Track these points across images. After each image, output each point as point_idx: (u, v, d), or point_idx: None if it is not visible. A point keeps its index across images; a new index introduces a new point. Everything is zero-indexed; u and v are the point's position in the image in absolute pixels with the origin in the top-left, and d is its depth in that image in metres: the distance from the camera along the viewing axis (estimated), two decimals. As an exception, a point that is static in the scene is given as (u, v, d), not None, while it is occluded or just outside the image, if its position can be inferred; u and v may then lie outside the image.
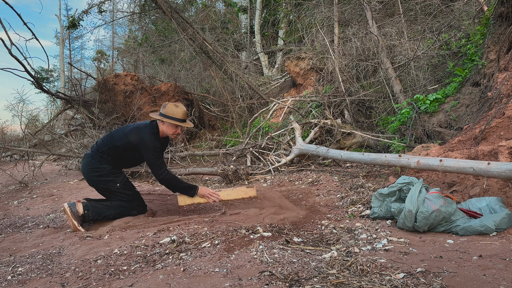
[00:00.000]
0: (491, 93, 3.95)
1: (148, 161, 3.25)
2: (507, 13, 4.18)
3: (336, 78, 7.18)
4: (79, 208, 3.11)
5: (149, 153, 3.22)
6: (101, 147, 3.35)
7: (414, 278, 1.82)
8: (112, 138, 3.35)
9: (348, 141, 6.05)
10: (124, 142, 3.29)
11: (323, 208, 3.44)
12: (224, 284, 1.79)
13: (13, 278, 2.11)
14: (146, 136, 3.23)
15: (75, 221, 3.03)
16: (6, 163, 8.43)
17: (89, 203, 3.22)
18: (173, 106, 3.30)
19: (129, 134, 3.28)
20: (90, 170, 3.33)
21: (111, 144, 3.32)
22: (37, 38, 6.13)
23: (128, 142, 3.28)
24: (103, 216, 3.27)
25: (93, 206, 3.20)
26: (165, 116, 3.28)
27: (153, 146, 3.22)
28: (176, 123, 3.31)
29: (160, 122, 3.37)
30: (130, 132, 3.30)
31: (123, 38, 21.77)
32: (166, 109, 3.30)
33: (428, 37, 6.31)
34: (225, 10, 14.98)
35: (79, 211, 3.09)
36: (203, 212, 3.63)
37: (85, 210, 3.12)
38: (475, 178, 3.10)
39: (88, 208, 3.16)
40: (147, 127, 3.32)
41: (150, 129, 3.29)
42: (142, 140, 3.23)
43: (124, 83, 8.57)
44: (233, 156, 6.32)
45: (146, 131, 3.26)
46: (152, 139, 3.24)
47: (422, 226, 2.54)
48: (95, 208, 3.20)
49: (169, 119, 3.28)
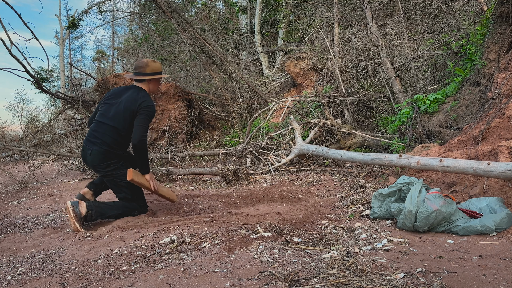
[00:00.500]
0: (491, 93, 3.95)
1: (140, 123, 3.21)
2: (507, 13, 4.18)
3: (336, 78, 7.18)
4: (82, 208, 3.09)
5: (146, 118, 3.23)
6: (108, 140, 3.28)
7: (414, 278, 1.82)
8: (114, 130, 3.28)
9: (348, 141, 6.05)
10: (130, 121, 3.26)
11: (323, 208, 3.44)
12: (224, 284, 1.79)
13: (13, 278, 2.11)
14: (150, 101, 3.27)
15: (76, 223, 3.01)
16: (6, 163, 8.43)
17: (93, 202, 3.20)
18: (152, 62, 3.39)
19: (128, 109, 3.25)
20: (105, 165, 3.30)
21: (118, 134, 3.28)
22: (37, 38, 6.13)
23: (132, 117, 3.26)
24: (106, 216, 3.26)
25: (96, 206, 3.18)
26: (155, 73, 3.36)
27: (153, 112, 3.31)
28: (162, 77, 3.43)
29: (146, 83, 3.39)
30: (127, 108, 3.25)
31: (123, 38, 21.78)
32: (149, 67, 3.36)
33: (428, 37, 6.31)
34: (225, 10, 14.98)
35: (81, 212, 3.07)
36: (203, 212, 3.63)
37: (88, 210, 3.10)
38: (475, 178, 3.10)
39: (92, 208, 3.14)
40: (142, 92, 3.33)
41: (146, 94, 3.33)
42: (146, 105, 3.24)
43: (124, 83, 8.57)
44: (233, 156, 6.32)
45: (146, 96, 3.30)
46: (153, 104, 3.30)
47: (422, 226, 2.54)
48: (98, 208, 3.19)
49: (159, 75, 3.37)
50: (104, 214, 3.23)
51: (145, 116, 3.23)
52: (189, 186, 5.32)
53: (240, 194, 4.38)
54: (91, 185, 3.56)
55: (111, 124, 3.27)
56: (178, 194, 4.58)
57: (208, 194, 4.53)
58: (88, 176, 6.04)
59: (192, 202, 4.08)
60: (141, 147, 3.21)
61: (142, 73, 3.36)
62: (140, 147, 3.21)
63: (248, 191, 4.59)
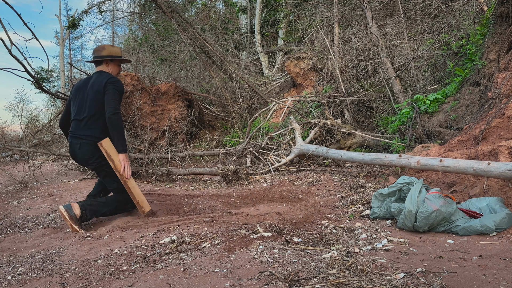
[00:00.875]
0: (491, 93, 3.95)
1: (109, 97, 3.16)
2: (507, 13, 4.18)
3: (336, 78, 7.18)
4: (76, 210, 3.06)
5: (115, 91, 3.19)
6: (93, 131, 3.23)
7: (414, 278, 1.82)
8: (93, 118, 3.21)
9: (348, 141, 6.05)
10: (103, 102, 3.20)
11: (323, 208, 3.44)
12: (224, 284, 1.79)
13: (13, 278, 2.11)
14: (115, 78, 3.26)
15: (74, 225, 3.00)
16: (6, 163, 8.43)
17: (85, 202, 3.18)
18: (111, 46, 3.42)
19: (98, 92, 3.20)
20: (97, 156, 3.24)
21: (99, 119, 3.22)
22: (37, 38, 6.12)
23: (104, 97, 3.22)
24: (101, 213, 3.23)
25: (89, 204, 3.16)
26: (112, 56, 3.37)
27: (121, 87, 3.26)
28: (121, 61, 3.42)
29: (104, 66, 3.40)
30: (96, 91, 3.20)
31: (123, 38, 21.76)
32: (106, 50, 3.39)
33: (428, 37, 6.32)
34: (225, 10, 14.98)
35: (76, 214, 3.04)
36: (203, 212, 3.63)
37: (82, 210, 3.08)
38: (475, 178, 3.10)
39: (85, 207, 3.11)
40: (104, 73, 3.33)
41: (109, 74, 3.33)
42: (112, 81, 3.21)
43: (124, 83, 8.56)
44: (233, 156, 6.32)
45: (110, 75, 3.30)
46: (120, 81, 3.29)
47: (422, 226, 2.54)
48: (91, 206, 3.16)
49: (118, 58, 3.39)
50: (98, 211, 3.20)
51: (113, 91, 3.18)
52: (189, 186, 5.32)
53: (240, 194, 4.38)
54: (88, 197, 3.53)
55: (88, 115, 3.22)
56: (178, 194, 4.58)
57: (208, 194, 4.53)
58: (88, 176, 6.04)
59: (192, 202, 4.08)
60: (115, 120, 3.12)
61: (99, 56, 3.38)
62: (114, 120, 3.12)
63: (248, 191, 4.59)
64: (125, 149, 3.22)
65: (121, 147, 3.20)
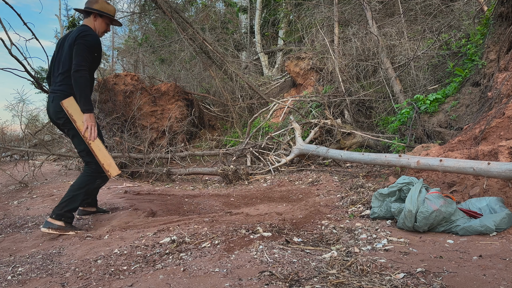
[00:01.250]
0: (491, 93, 3.95)
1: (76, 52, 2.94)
2: (507, 13, 4.18)
3: (336, 78, 7.18)
4: (56, 222, 2.95)
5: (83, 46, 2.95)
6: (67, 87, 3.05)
7: (414, 278, 1.82)
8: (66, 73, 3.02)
9: (348, 141, 6.05)
10: None
11: (323, 208, 3.44)
12: (224, 284, 1.79)
13: (13, 278, 2.11)
14: (90, 32, 3.02)
15: (68, 233, 2.94)
16: (6, 163, 8.43)
17: (56, 208, 3.01)
18: (105, 3, 3.21)
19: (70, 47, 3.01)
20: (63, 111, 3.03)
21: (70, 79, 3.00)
22: (37, 38, 6.13)
23: None
24: (78, 204, 3.08)
25: (61, 207, 3.00)
26: (104, 13, 3.18)
27: (93, 41, 3.00)
28: (111, 18, 3.22)
29: (91, 19, 3.19)
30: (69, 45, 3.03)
31: (123, 38, 21.76)
32: (99, 4, 3.18)
33: (428, 37, 6.32)
34: (225, 10, 14.97)
35: (59, 224, 2.94)
36: (203, 212, 3.63)
37: (62, 218, 2.96)
38: (475, 178, 3.10)
39: (61, 214, 2.98)
40: (83, 26, 3.11)
41: (89, 28, 3.09)
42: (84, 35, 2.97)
43: (124, 83, 8.57)
44: (233, 156, 6.32)
45: (86, 28, 3.08)
46: (95, 35, 3.04)
47: (422, 226, 2.54)
48: (65, 207, 3.00)
49: (106, 14, 3.17)
50: (73, 209, 3.04)
51: (81, 46, 2.95)
52: (189, 186, 5.32)
53: (240, 194, 4.38)
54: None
55: (62, 71, 3.06)
56: (178, 194, 4.58)
57: (208, 194, 4.53)
58: (88, 176, 6.03)
59: (192, 202, 4.08)
60: (78, 77, 2.93)
61: (89, 8, 3.18)
62: (77, 77, 2.93)
63: (248, 191, 4.59)
64: (89, 108, 2.98)
65: (84, 106, 2.97)
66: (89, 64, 3.01)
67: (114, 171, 3.08)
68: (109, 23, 3.29)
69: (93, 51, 3.04)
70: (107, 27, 3.28)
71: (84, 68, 2.95)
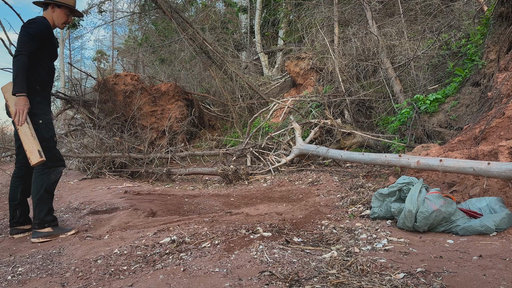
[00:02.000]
0: (491, 93, 3.95)
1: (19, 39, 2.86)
2: (507, 13, 4.18)
3: (336, 78, 7.18)
4: (43, 230, 2.91)
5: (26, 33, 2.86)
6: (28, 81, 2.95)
7: (414, 278, 1.82)
8: None
9: (348, 141, 6.05)
10: None
11: (323, 208, 3.44)
12: (224, 284, 1.79)
13: (13, 278, 2.11)
14: (36, 20, 2.94)
15: (59, 236, 2.92)
16: (6, 163, 8.43)
17: (34, 220, 2.94)
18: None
19: None
20: None
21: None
22: (37, 38, 6.13)
23: None
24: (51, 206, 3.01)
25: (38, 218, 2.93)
26: (62, 3, 3.08)
27: (37, 28, 2.91)
28: (70, 8, 3.13)
29: (49, 11, 3.12)
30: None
31: (123, 38, 21.78)
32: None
33: (428, 37, 6.32)
34: (225, 10, 14.98)
35: (48, 231, 2.92)
36: (203, 212, 3.63)
37: (45, 225, 2.93)
38: (475, 178, 3.10)
39: (43, 222, 2.92)
40: (38, 17, 3.05)
41: (41, 18, 3.02)
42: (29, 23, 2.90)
43: (124, 83, 8.57)
44: (233, 156, 6.32)
45: (37, 17, 3.01)
46: (41, 22, 2.96)
47: (422, 226, 2.54)
48: (41, 216, 2.93)
49: (63, 3, 3.08)
50: (47, 208, 2.96)
51: (23, 33, 2.87)
52: (189, 186, 5.32)
53: (240, 194, 4.38)
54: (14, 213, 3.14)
55: None
56: (178, 194, 4.58)
57: (208, 194, 4.53)
58: (88, 176, 6.03)
59: (192, 202, 4.08)
60: (15, 61, 2.82)
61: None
62: (15, 61, 2.83)
63: (248, 191, 4.59)
64: (20, 90, 2.82)
65: (16, 88, 2.82)
66: (32, 50, 2.90)
67: (35, 159, 2.80)
68: (70, 14, 3.19)
69: (39, 39, 2.92)
70: (68, 18, 3.18)
71: (23, 53, 2.84)
